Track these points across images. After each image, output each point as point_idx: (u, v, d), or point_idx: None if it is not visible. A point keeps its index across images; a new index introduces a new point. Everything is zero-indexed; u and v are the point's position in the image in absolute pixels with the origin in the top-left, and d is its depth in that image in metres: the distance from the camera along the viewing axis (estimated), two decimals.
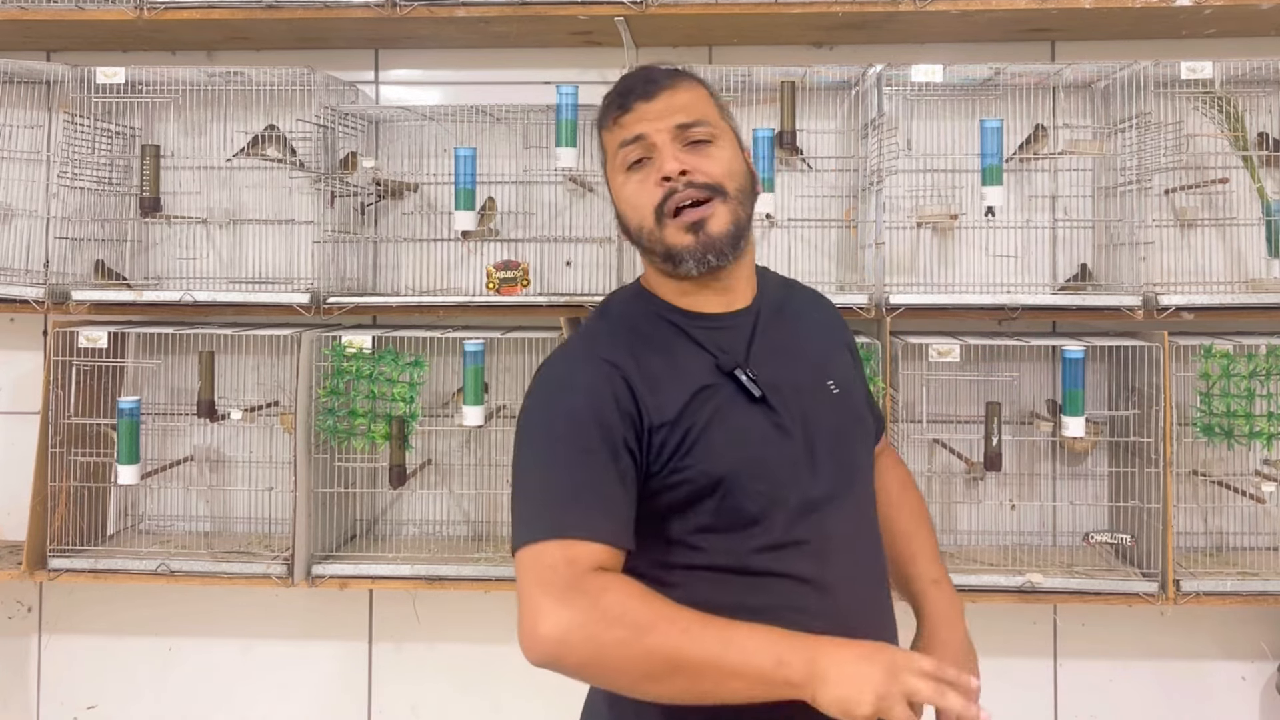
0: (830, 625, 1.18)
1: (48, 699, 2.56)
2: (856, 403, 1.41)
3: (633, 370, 1.26)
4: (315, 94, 2.31)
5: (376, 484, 2.44)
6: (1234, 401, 2.15)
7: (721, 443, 1.25)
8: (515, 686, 2.49)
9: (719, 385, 1.28)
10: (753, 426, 1.27)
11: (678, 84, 1.34)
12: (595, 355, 1.28)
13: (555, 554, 1.15)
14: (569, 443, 1.22)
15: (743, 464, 1.25)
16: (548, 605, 1.12)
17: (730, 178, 1.31)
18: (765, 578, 1.25)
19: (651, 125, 1.30)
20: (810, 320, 1.44)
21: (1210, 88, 2.22)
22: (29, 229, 2.49)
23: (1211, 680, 2.40)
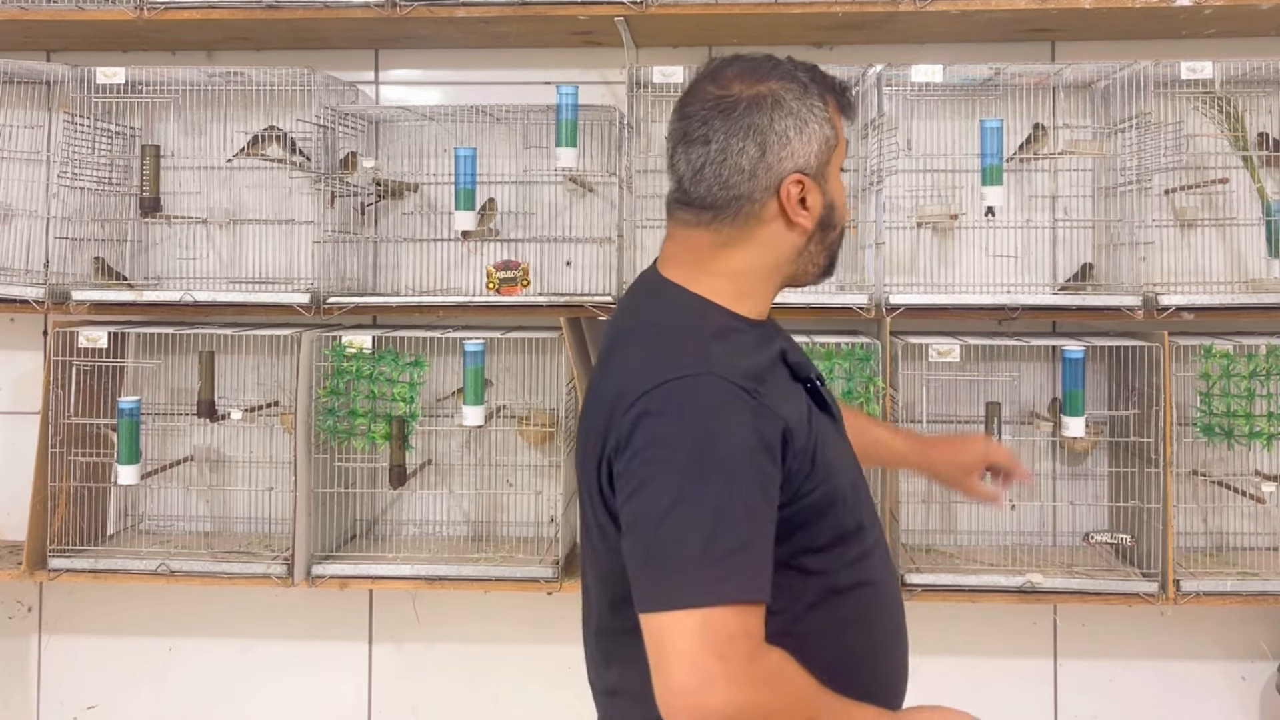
0: (894, 623, 1.27)
1: (48, 699, 2.56)
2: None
3: (762, 390, 1.13)
4: (315, 94, 2.31)
5: (376, 484, 2.44)
6: (1234, 401, 2.15)
7: (832, 458, 1.19)
8: (515, 686, 2.49)
9: (801, 397, 1.20)
10: (837, 440, 1.23)
11: None
12: (721, 375, 1.11)
13: (734, 624, 1.03)
14: (733, 483, 1.07)
15: (846, 477, 1.21)
16: (722, 682, 1.02)
17: None
18: (850, 590, 1.21)
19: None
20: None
21: (1210, 88, 2.22)
22: (29, 229, 2.48)
23: (1211, 680, 2.40)
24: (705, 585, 1.03)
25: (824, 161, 1.21)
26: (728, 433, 1.08)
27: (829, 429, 1.22)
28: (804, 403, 1.19)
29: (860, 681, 1.19)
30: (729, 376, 1.11)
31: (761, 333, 1.23)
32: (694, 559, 1.04)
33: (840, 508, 1.19)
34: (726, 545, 1.04)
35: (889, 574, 1.29)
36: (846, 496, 1.20)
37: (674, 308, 1.22)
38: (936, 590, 2.13)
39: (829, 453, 1.18)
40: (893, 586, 1.30)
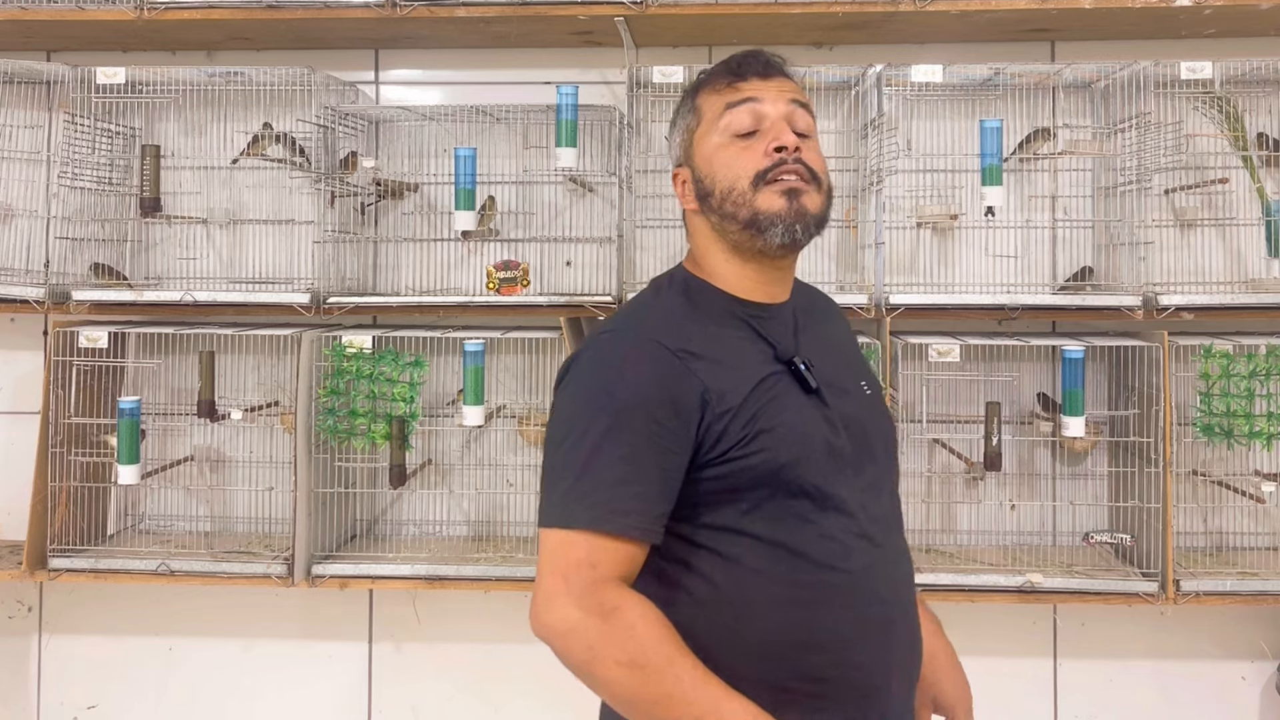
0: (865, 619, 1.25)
1: (48, 699, 2.56)
2: (882, 403, 1.42)
3: (695, 355, 1.24)
4: (315, 94, 2.31)
5: (376, 484, 2.44)
6: (1234, 401, 2.15)
7: (784, 432, 1.24)
8: (515, 686, 2.49)
9: (778, 375, 1.27)
10: (809, 419, 1.27)
11: (786, 74, 1.35)
12: (653, 338, 1.25)
13: (582, 550, 1.17)
14: (621, 428, 1.19)
15: (801, 455, 1.24)
16: (561, 599, 1.16)
17: (825, 174, 1.32)
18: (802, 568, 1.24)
19: (769, 97, 1.30)
20: (833, 323, 1.47)
21: (1210, 88, 2.22)
22: (29, 229, 2.49)
23: (1211, 680, 2.40)
24: (567, 510, 1.18)
25: (688, 145, 1.35)
26: (630, 383, 1.21)
27: (794, 406, 1.26)
28: (761, 376, 1.25)
29: (800, 665, 1.23)
30: (656, 336, 1.24)
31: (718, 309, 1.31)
32: (566, 486, 1.19)
33: (787, 480, 1.23)
34: (597, 479, 1.18)
35: (872, 570, 1.27)
36: (800, 472, 1.23)
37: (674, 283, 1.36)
38: (936, 590, 2.13)
39: (781, 427, 1.23)
40: (872, 581, 1.27)
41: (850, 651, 1.25)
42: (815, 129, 1.34)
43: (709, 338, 1.27)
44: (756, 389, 1.24)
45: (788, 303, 1.37)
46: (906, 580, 1.35)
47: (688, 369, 1.22)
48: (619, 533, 1.17)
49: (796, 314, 1.37)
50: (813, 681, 1.23)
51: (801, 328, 1.36)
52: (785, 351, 1.29)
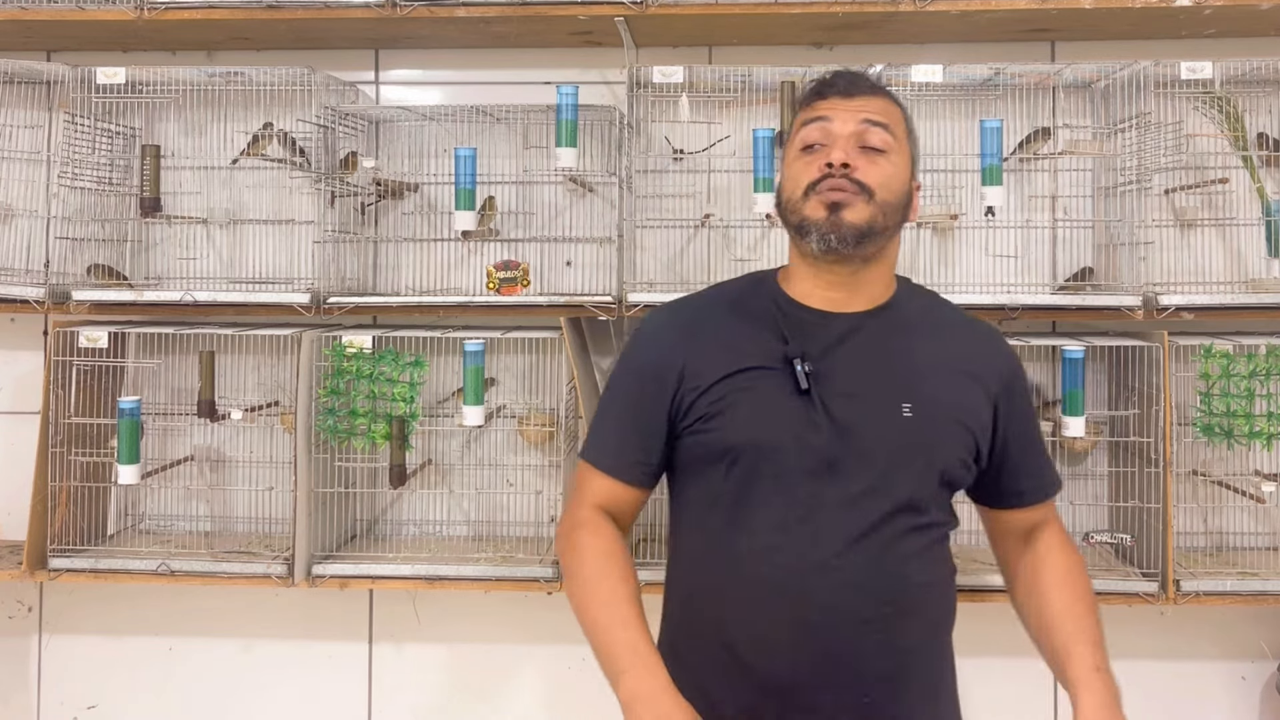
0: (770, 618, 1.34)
1: (48, 699, 2.56)
2: (935, 435, 1.39)
3: (694, 334, 1.44)
4: (315, 94, 2.31)
5: (376, 484, 2.44)
6: (1234, 401, 2.15)
7: (744, 418, 1.37)
8: (515, 686, 2.49)
9: (774, 370, 1.38)
10: (784, 414, 1.36)
11: (878, 94, 1.44)
12: (674, 313, 1.50)
13: (584, 475, 1.49)
14: (620, 384, 1.49)
15: (758, 443, 1.36)
16: (568, 507, 1.51)
17: (885, 188, 1.38)
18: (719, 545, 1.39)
19: (839, 116, 1.40)
20: (934, 345, 1.45)
21: (1210, 88, 2.22)
22: (29, 229, 2.48)
23: (1211, 680, 2.40)
24: (584, 445, 1.52)
25: (786, 148, 1.48)
26: (641, 349, 1.49)
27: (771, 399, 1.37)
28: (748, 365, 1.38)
29: (702, 635, 1.39)
30: (676, 315, 1.49)
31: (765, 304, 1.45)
32: (590, 428, 1.54)
33: (733, 466, 1.37)
34: (601, 424, 1.50)
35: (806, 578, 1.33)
36: (756, 460, 1.36)
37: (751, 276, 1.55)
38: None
39: (744, 413, 1.37)
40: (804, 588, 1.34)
41: (767, 652, 1.35)
42: (897, 144, 1.41)
43: (721, 324, 1.45)
44: (735, 375, 1.38)
45: (861, 313, 1.43)
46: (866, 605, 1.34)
47: (679, 345, 1.43)
48: (598, 467, 1.47)
49: (868, 325, 1.42)
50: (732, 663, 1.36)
51: (861, 338, 1.41)
52: (792, 351, 1.38)
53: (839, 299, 1.43)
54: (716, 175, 2.40)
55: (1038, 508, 1.53)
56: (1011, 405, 1.46)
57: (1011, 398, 1.46)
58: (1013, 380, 1.47)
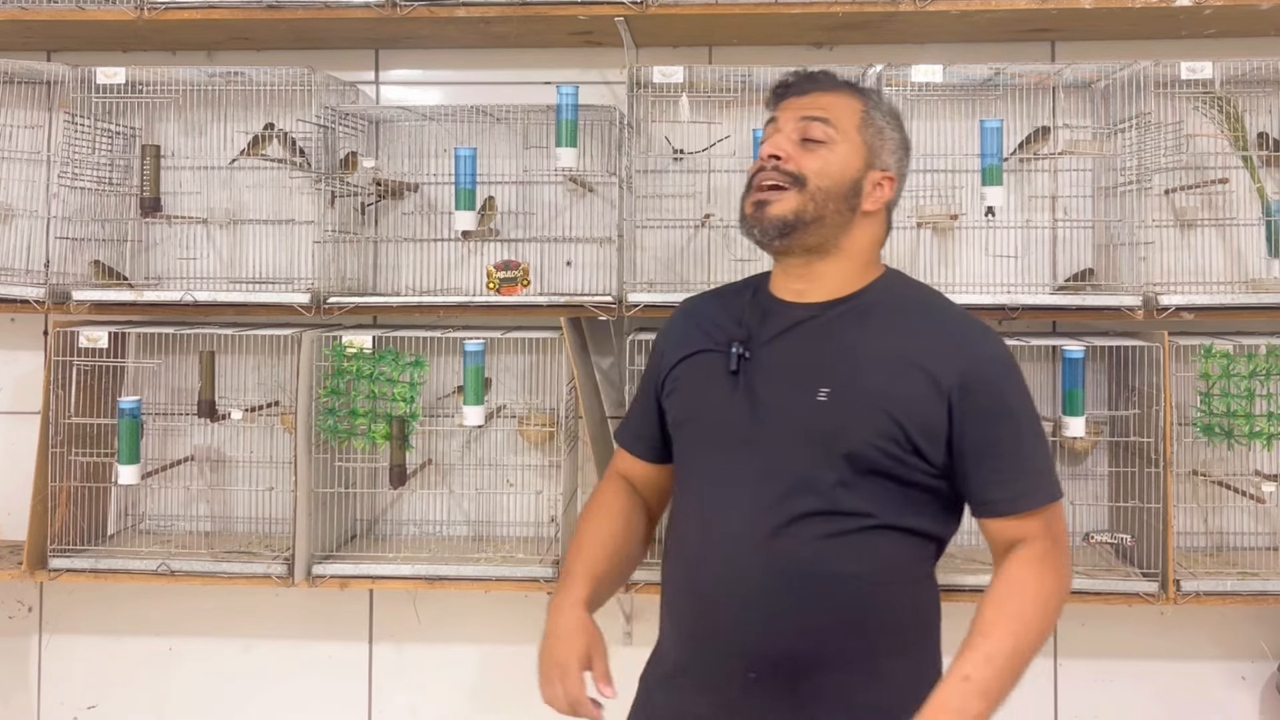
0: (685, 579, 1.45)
1: (48, 699, 2.56)
2: (846, 419, 1.38)
3: (686, 323, 1.58)
4: (315, 94, 2.31)
5: (376, 484, 2.44)
6: (1234, 401, 2.15)
7: (686, 396, 1.51)
8: (515, 686, 2.49)
9: (719, 352, 1.48)
10: (714, 392, 1.47)
11: (833, 89, 1.50)
12: (687, 304, 1.64)
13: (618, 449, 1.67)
14: (643, 371, 1.69)
15: (691, 420, 1.50)
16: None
17: (820, 175, 1.43)
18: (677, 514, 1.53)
19: (785, 115, 1.49)
20: (888, 337, 1.43)
21: (1210, 88, 2.22)
22: (29, 229, 2.48)
23: (1211, 680, 2.40)
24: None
25: None
26: (658, 336, 1.65)
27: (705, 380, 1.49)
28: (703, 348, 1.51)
29: (666, 592, 1.52)
30: (686, 305, 1.64)
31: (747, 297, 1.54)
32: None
33: (681, 440, 1.52)
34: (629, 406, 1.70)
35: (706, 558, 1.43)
36: (692, 433, 1.49)
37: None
38: None
39: (684, 395, 1.52)
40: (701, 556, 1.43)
41: (677, 621, 1.48)
42: (840, 135, 1.46)
43: (707, 313, 1.56)
44: (692, 356, 1.52)
45: (821, 304, 1.47)
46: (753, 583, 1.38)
47: (672, 329, 1.60)
48: (617, 440, 1.68)
49: (823, 316, 1.45)
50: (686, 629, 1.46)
51: (812, 326, 1.45)
52: (734, 334, 1.48)
53: (801, 290, 1.49)
54: (716, 175, 2.40)
55: (1012, 521, 1.43)
56: (968, 404, 1.38)
57: (968, 397, 1.38)
58: (972, 379, 1.39)
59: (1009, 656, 1.33)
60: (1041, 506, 1.43)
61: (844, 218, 1.45)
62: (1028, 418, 1.44)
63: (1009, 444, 1.41)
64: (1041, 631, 1.37)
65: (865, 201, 1.46)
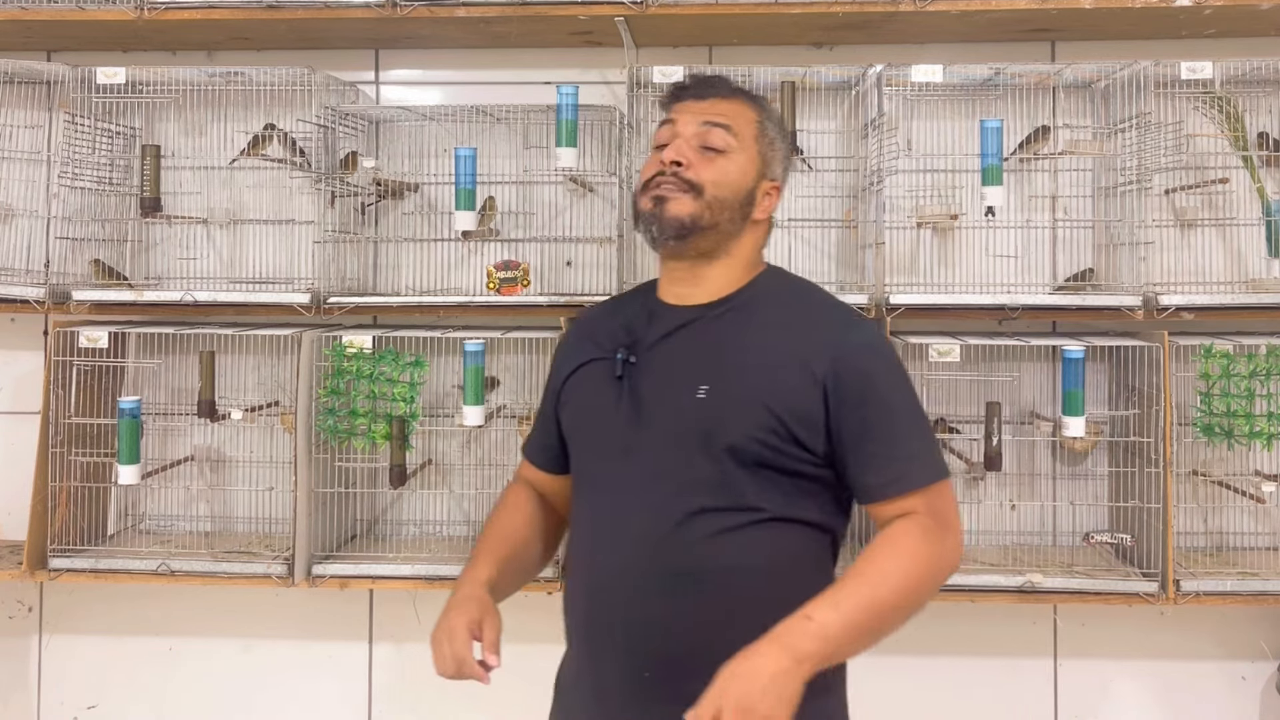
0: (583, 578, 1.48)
1: (48, 699, 2.56)
2: (725, 414, 1.39)
3: (578, 335, 1.60)
4: (315, 94, 2.31)
5: (376, 484, 2.44)
6: (1234, 401, 2.15)
7: (576, 406, 1.53)
8: (515, 686, 2.48)
9: (606, 360, 1.50)
10: (600, 400, 1.48)
11: (730, 97, 1.51)
12: (582, 315, 1.67)
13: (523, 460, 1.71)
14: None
15: (580, 428, 1.52)
16: None
17: (718, 186, 1.45)
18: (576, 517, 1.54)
19: (684, 119, 1.49)
20: (766, 332, 1.44)
21: (1210, 88, 2.22)
22: (29, 229, 2.48)
23: (1211, 680, 2.40)
24: None
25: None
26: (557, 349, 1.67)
27: (593, 389, 1.50)
28: (593, 357, 1.52)
29: (565, 598, 1.55)
30: (581, 317, 1.66)
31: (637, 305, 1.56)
32: None
33: (574, 449, 1.55)
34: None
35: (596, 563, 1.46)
36: (582, 442, 1.52)
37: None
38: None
39: (574, 405, 1.53)
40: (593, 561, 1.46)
41: (576, 629, 1.51)
42: (739, 144, 1.47)
43: (599, 323, 1.57)
44: (584, 366, 1.53)
45: (702, 306, 1.48)
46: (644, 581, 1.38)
47: (566, 343, 1.63)
48: (522, 452, 1.71)
49: (705, 318, 1.47)
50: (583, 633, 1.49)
51: (692, 329, 1.47)
52: (620, 341, 1.50)
53: (684, 293, 1.50)
54: None
55: (892, 504, 1.39)
56: (841, 391, 1.38)
57: (840, 380, 1.38)
58: (843, 366, 1.39)
59: (858, 608, 1.29)
60: (917, 489, 1.38)
61: (736, 226, 1.48)
62: (901, 402, 1.42)
63: (881, 429, 1.39)
64: (902, 593, 1.32)
65: (756, 210, 1.50)
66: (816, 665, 1.25)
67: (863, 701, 1.57)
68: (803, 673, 1.24)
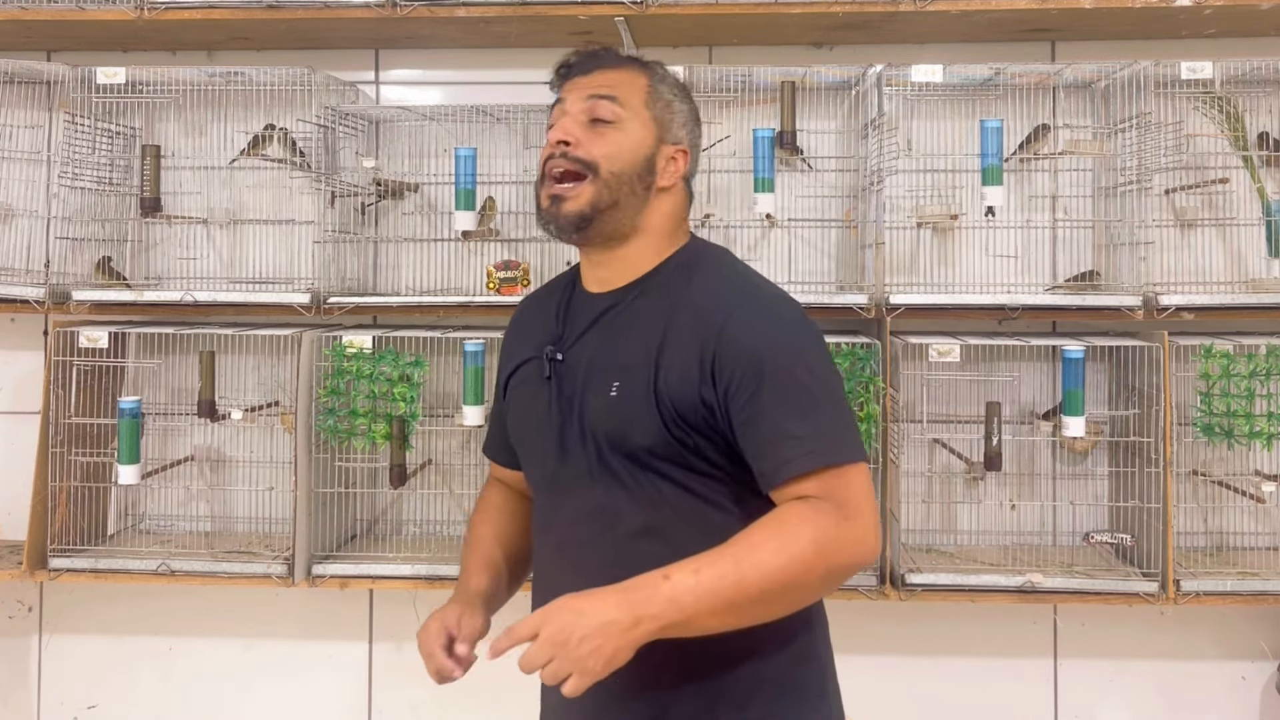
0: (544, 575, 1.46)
1: (48, 699, 2.56)
2: (632, 412, 1.34)
3: (514, 332, 1.56)
4: (315, 94, 2.31)
5: (376, 484, 2.44)
6: (1234, 401, 2.15)
7: (515, 413, 1.49)
8: (516, 686, 2.48)
9: (538, 359, 1.45)
10: (535, 404, 1.44)
11: (617, 66, 1.45)
12: (516, 310, 1.60)
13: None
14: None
15: (520, 437, 1.49)
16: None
17: (611, 160, 1.39)
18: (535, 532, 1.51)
19: (571, 97, 1.43)
20: (668, 318, 1.37)
21: (1210, 88, 2.23)
22: (29, 229, 2.48)
23: (1211, 680, 2.40)
24: None
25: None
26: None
27: (529, 392, 1.45)
28: (528, 357, 1.47)
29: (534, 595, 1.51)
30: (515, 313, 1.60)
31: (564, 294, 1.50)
32: None
33: (521, 456, 1.51)
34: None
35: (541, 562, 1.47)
36: (524, 450, 1.49)
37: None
38: (936, 590, 2.13)
39: (515, 412, 1.49)
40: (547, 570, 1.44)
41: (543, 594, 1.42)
42: (629, 113, 1.41)
43: (530, 318, 1.53)
44: (522, 366, 1.48)
45: (616, 291, 1.43)
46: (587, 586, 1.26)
47: (506, 340, 1.57)
48: (484, 452, 1.67)
49: (618, 305, 1.41)
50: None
51: (607, 318, 1.41)
52: (546, 338, 1.45)
53: (604, 278, 1.44)
54: (716, 175, 2.40)
55: (786, 489, 1.28)
56: (727, 374, 1.30)
57: (725, 366, 1.30)
58: (726, 346, 1.31)
59: (719, 579, 1.20)
60: (809, 472, 1.26)
61: (639, 198, 1.41)
62: (795, 382, 1.30)
63: (771, 412, 1.28)
64: (772, 574, 1.21)
65: (660, 178, 1.42)
66: (656, 631, 1.19)
67: (863, 701, 1.57)
68: (636, 635, 1.19)
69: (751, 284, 1.41)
